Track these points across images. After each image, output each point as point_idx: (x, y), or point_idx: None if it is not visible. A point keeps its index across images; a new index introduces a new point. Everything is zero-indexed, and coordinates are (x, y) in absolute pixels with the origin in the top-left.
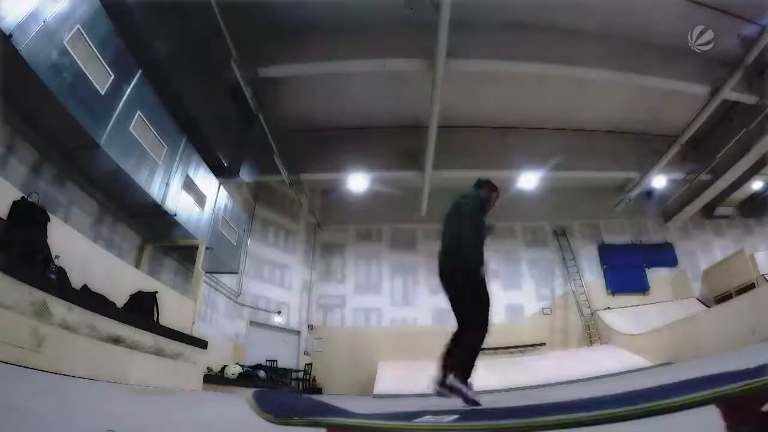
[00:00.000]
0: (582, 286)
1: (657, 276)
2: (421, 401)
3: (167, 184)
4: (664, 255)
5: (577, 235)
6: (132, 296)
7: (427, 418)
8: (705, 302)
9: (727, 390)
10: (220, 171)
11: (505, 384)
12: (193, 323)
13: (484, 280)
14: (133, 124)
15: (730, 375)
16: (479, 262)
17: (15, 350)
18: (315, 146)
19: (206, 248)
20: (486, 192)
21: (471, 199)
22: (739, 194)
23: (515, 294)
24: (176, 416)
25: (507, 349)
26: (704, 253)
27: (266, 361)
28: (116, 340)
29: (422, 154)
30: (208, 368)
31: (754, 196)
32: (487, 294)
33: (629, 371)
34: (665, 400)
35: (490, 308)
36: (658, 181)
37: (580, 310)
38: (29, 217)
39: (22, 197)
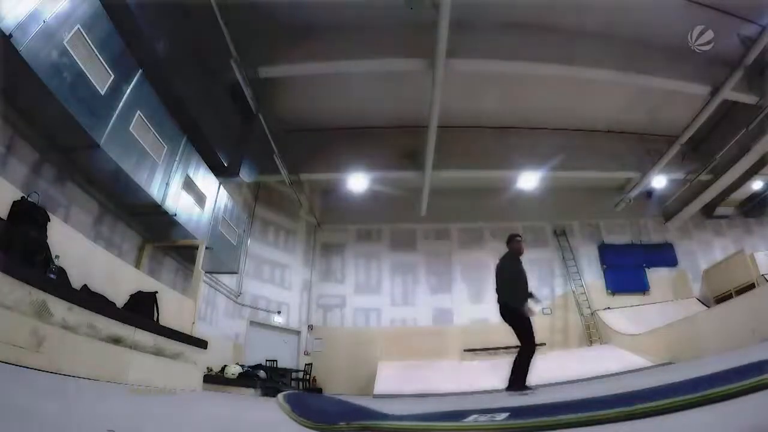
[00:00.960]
0: (582, 286)
1: (657, 276)
2: (422, 401)
3: (167, 184)
4: (664, 255)
5: (577, 235)
6: (132, 296)
7: (475, 416)
8: (705, 302)
9: None
10: (220, 171)
11: (505, 384)
12: (193, 323)
13: (524, 313)
14: (133, 124)
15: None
16: (520, 302)
17: (15, 350)
18: (315, 146)
19: (206, 248)
20: (515, 245)
21: (508, 256)
22: (739, 194)
23: None
24: (178, 416)
25: (507, 349)
26: (704, 253)
27: (266, 361)
28: (116, 340)
29: (422, 154)
30: (208, 368)
31: (754, 196)
32: (529, 322)
33: (629, 371)
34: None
35: (533, 331)
36: (658, 181)
37: (580, 310)
38: (29, 217)
39: (22, 197)
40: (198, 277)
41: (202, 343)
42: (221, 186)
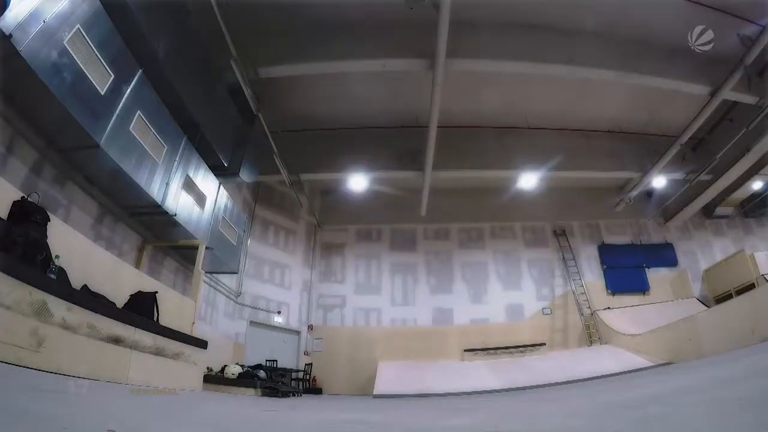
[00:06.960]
0: (582, 286)
1: (657, 276)
2: (421, 401)
3: (167, 184)
4: (664, 255)
5: (577, 235)
6: (132, 296)
7: None
8: (705, 302)
9: None
10: (220, 171)
11: (505, 384)
12: (193, 323)
13: None
14: (133, 124)
15: None
16: None
17: (15, 350)
18: (315, 146)
19: (206, 248)
20: None
21: None
22: (739, 194)
23: (515, 294)
24: (178, 416)
25: (507, 349)
26: (704, 253)
27: (266, 361)
28: (116, 340)
29: (422, 154)
30: (208, 368)
31: (754, 196)
32: None
33: (629, 371)
34: None
35: None
36: (658, 181)
37: (580, 310)
38: (29, 217)
39: (22, 197)
40: (198, 277)
41: (202, 343)
42: (221, 186)
